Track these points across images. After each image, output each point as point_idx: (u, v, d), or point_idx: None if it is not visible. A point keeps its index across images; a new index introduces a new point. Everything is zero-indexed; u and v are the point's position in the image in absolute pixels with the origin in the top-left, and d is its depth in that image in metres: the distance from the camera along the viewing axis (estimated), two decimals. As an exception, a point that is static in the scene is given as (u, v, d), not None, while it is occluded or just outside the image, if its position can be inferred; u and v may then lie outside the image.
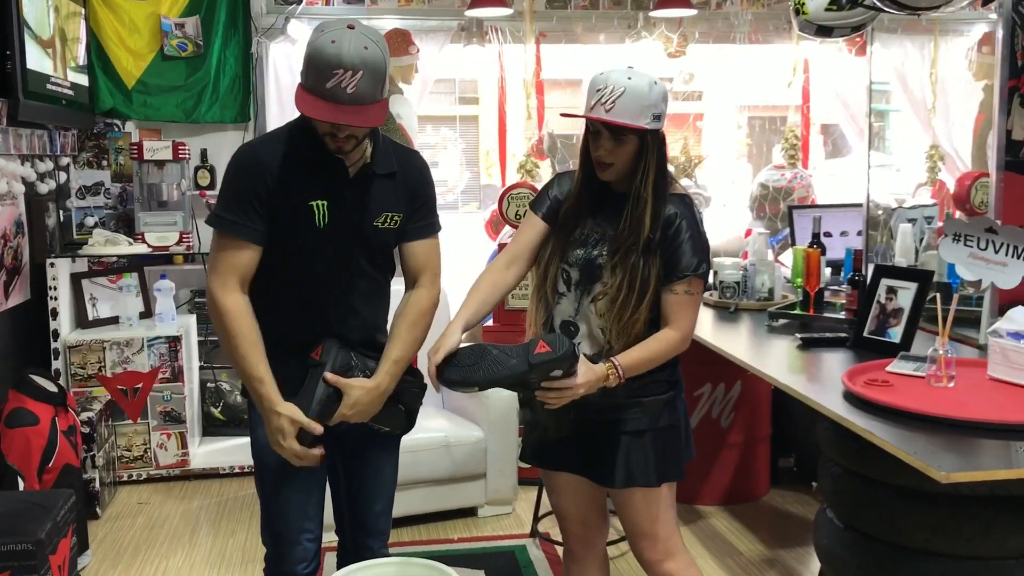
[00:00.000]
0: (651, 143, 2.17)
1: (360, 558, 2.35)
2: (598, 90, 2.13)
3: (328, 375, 2.14)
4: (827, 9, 3.30)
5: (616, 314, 2.16)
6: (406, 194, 2.24)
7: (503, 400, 3.91)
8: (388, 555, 2.43)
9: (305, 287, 2.20)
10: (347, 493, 2.42)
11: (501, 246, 4.75)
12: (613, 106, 2.11)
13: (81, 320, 4.46)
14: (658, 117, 2.16)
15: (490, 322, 4.46)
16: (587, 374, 2.08)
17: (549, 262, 2.27)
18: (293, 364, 2.17)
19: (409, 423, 2.32)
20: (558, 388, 2.05)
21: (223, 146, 4.92)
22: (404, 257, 2.30)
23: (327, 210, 2.14)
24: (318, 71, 1.98)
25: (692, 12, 5.04)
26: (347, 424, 2.20)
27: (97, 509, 3.99)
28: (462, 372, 2.07)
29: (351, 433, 2.25)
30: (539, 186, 3.25)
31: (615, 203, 2.22)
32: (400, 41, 4.92)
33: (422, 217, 2.28)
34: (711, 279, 3.78)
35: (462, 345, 2.14)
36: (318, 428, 2.11)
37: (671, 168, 2.30)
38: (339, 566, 2.34)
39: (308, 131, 2.13)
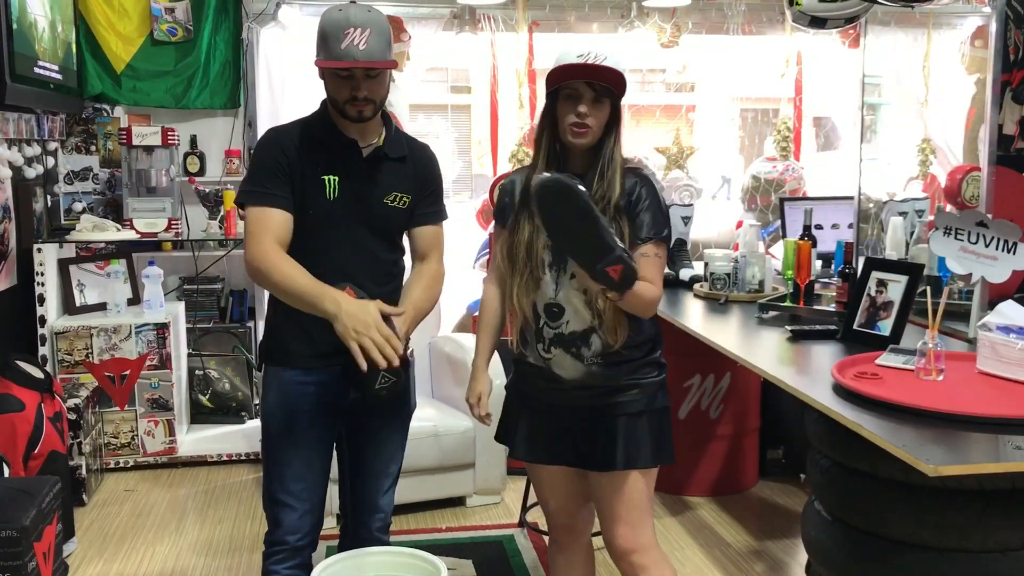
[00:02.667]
0: (619, 110, 2.24)
1: (358, 538, 2.38)
2: (580, 55, 2.15)
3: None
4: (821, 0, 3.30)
5: None
6: (416, 178, 2.36)
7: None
8: (388, 538, 2.46)
9: (318, 260, 2.24)
10: (349, 466, 2.45)
11: (492, 235, 4.73)
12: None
13: (68, 306, 4.44)
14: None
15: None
16: None
17: (530, 243, 2.25)
18: (307, 336, 2.28)
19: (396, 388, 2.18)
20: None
21: (213, 132, 4.89)
22: (413, 240, 2.42)
23: (338, 185, 2.26)
24: (330, 36, 2.16)
25: (686, 2, 5.02)
26: (354, 396, 2.26)
27: (83, 496, 3.97)
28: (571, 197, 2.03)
29: (358, 406, 2.32)
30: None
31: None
32: (392, 28, 4.87)
33: (431, 204, 2.41)
34: (702, 271, 3.78)
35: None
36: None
37: (664, 157, 2.31)
38: (340, 550, 2.35)
39: (325, 118, 2.30)
